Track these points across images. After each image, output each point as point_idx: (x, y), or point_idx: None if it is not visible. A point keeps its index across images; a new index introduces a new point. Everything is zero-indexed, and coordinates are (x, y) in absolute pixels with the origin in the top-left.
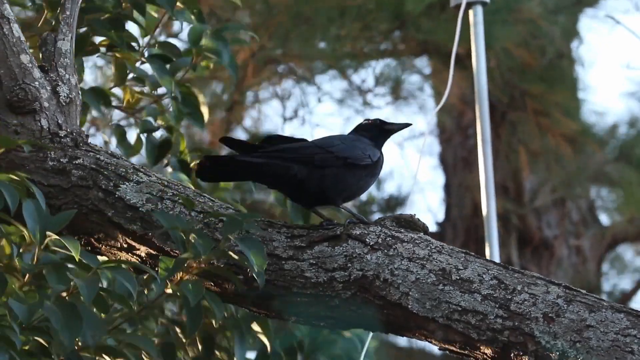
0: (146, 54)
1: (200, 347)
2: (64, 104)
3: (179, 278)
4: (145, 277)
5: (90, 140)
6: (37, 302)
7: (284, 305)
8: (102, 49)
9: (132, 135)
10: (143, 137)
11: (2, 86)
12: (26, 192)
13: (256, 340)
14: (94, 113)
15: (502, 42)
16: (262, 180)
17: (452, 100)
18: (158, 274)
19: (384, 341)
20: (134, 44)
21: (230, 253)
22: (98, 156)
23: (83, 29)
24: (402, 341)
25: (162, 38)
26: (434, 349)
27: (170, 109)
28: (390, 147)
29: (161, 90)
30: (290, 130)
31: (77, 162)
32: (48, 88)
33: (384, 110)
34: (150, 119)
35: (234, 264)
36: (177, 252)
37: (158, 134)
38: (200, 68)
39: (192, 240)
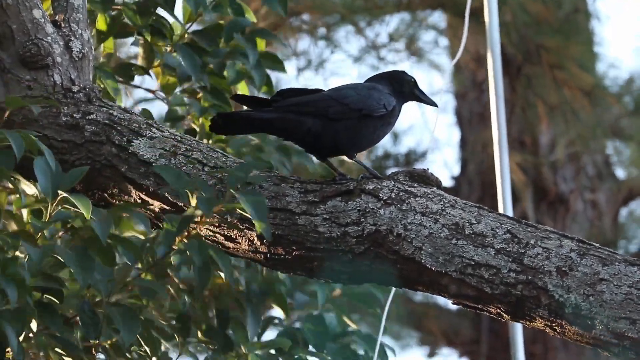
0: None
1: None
2: (76, 59)
3: (187, 233)
4: (152, 235)
5: None
6: (49, 245)
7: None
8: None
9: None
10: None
11: (15, 41)
12: (37, 150)
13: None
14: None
15: None
16: (276, 134)
17: (467, 55)
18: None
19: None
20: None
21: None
22: (111, 111)
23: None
24: (418, 296)
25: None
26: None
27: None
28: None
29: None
30: (304, 82)
31: (90, 118)
32: (61, 43)
33: (398, 65)
34: (178, 108)
35: (246, 219)
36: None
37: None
38: (232, 71)
39: (197, 195)
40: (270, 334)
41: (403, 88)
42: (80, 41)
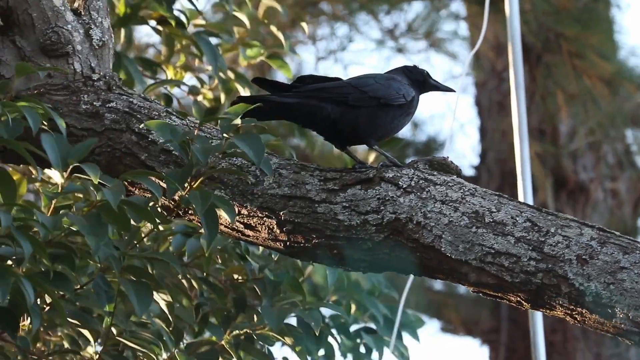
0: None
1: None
2: (96, 47)
3: (189, 187)
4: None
5: None
6: (61, 213)
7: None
8: (152, 22)
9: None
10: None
11: (35, 29)
12: (48, 122)
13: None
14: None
15: None
16: (295, 119)
17: (487, 44)
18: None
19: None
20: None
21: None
22: (131, 99)
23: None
24: (437, 285)
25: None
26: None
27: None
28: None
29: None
30: (324, 70)
31: (110, 106)
32: (81, 31)
33: (417, 55)
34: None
35: (266, 207)
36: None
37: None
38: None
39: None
40: (291, 321)
41: (416, 79)
42: (100, 29)
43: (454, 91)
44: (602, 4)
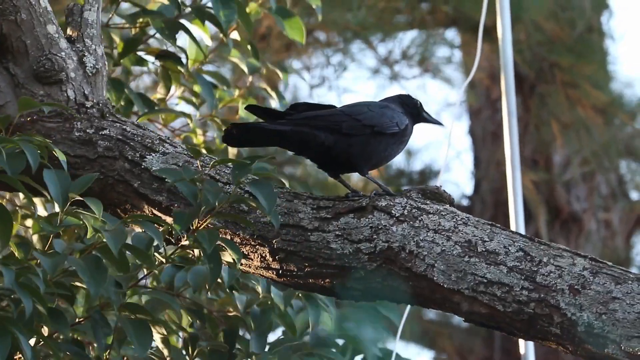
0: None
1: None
2: (90, 74)
3: (195, 228)
4: (161, 229)
5: None
6: (61, 255)
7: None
8: (151, 58)
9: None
10: None
11: (29, 56)
12: (47, 157)
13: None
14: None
15: (531, 15)
16: (289, 147)
17: (481, 73)
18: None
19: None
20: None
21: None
22: (124, 127)
23: (135, 32)
24: (431, 314)
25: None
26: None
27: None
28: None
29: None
30: (318, 98)
31: (103, 133)
32: (74, 58)
33: (412, 82)
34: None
35: (259, 236)
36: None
37: None
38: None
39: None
40: None
41: (412, 110)
42: (94, 57)
43: (443, 125)
44: (596, 35)
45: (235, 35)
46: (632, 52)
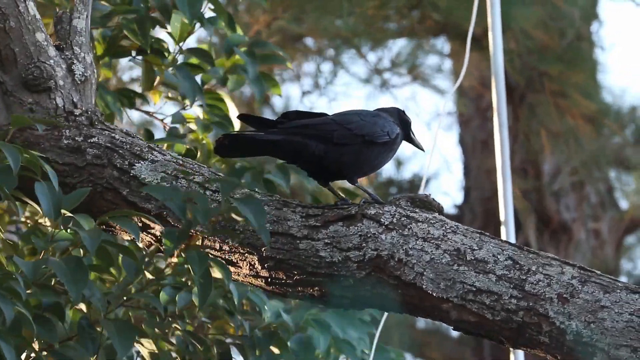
0: (180, 59)
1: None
2: (79, 82)
3: (185, 246)
4: (150, 249)
5: None
6: (41, 259)
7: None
8: (133, 52)
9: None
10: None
11: (18, 64)
12: (40, 171)
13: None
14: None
15: (520, 24)
16: (280, 156)
17: (471, 82)
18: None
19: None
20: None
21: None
22: (113, 135)
23: (113, 31)
24: (420, 323)
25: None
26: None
27: (200, 116)
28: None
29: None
30: (309, 104)
31: (92, 141)
32: (63, 66)
33: (401, 89)
34: (178, 125)
35: (248, 243)
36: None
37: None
38: (232, 81)
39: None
40: None
41: (403, 125)
42: (83, 64)
43: (424, 151)
44: (586, 44)
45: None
46: (622, 61)
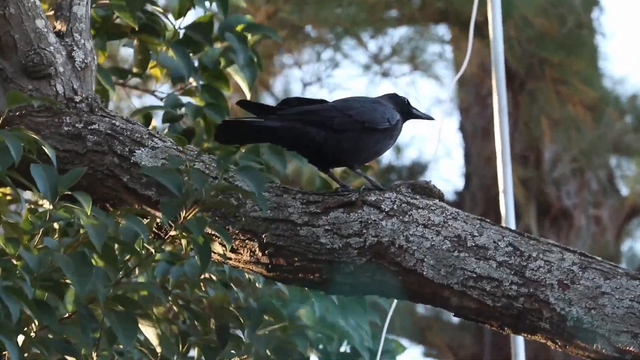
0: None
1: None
2: (79, 69)
3: (183, 218)
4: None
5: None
6: (47, 252)
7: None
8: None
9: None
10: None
11: (17, 51)
12: (37, 152)
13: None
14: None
15: (521, 11)
16: (280, 142)
17: (471, 69)
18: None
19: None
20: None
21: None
22: (113, 121)
23: (106, 11)
24: (420, 309)
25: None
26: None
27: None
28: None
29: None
30: (310, 94)
31: (92, 128)
32: (63, 53)
33: (401, 79)
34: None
35: (248, 230)
36: None
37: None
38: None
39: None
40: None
41: (402, 108)
42: (83, 51)
43: (434, 119)
44: (587, 31)
45: None
46: (622, 48)
